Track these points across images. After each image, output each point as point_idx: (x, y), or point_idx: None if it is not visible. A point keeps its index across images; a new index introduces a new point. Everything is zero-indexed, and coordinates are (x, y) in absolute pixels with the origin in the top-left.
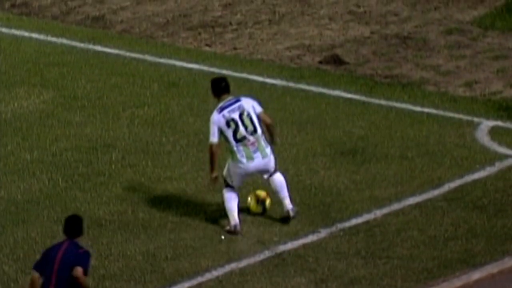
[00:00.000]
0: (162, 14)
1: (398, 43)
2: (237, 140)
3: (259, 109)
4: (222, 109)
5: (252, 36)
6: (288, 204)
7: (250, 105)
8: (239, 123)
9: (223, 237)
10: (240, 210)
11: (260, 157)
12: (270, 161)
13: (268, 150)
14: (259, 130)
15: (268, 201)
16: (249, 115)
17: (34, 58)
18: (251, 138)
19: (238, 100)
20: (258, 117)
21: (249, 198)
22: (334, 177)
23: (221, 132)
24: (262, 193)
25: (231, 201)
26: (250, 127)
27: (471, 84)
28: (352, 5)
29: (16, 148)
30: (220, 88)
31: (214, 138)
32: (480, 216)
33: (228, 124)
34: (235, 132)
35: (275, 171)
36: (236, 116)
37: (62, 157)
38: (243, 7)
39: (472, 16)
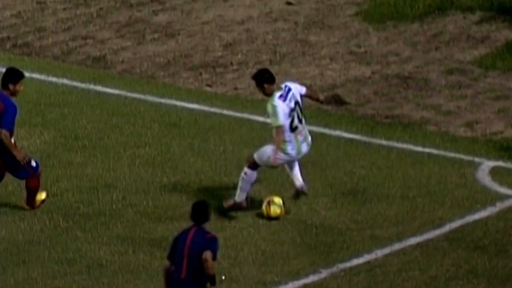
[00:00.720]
0: (163, 55)
1: (399, 83)
2: (291, 130)
3: (302, 90)
4: (284, 98)
5: None
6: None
7: (298, 92)
8: (294, 113)
9: (223, 277)
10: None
11: (306, 147)
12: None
13: (309, 138)
14: (303, 120)
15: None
16: (298, 103)
17: (35, 99)
18: (300, 127)
19: (289, 89)
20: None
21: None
22: (335, 217)
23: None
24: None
25: (249, 183)
26: (301, 116)
27: (472, 124)
28: (353, 45)
29: (17, 188)
30: (271, 77)
31: (281, 121)
32: (481, 257)
33: (290, 114)
34: (292, 122)
35: None
36: (293, 105)
37: (63, 197)
38: (244, 47)
39: (473, 56)
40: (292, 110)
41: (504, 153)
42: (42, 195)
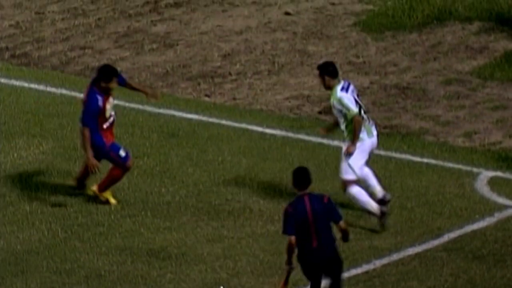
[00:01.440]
0: (162, 65)
1: (398, 93)
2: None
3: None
4: (346, 90)
5: (252, 86)
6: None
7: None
8: (359, 103)
9: (222, 287)
10: None
11: (375, 131)
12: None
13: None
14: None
15: None
16: (359, 96)
17: (34, 109)
18: (365, 117)
19: (349, 84)
20: None
21: None
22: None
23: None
24: None
25: (363, 196)
26: (364, 107)
27: (471, 134)
28: (351, 55)
29: (15, 198)
30: (334, 71)
31: (355, 109)
32: (479, 267)
33: (356, 103)
34: (359, 110)
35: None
36: (356, 96)
37: (61, 208)
38: (243, 57)
39: (471, 67)
40: (356, 100)
41: (502, 163)
42: (111, 199)
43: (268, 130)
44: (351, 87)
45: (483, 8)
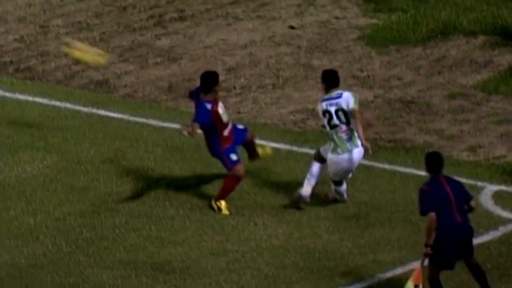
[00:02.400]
0: (166, 79)
1: (402, 107)
2: (330, 127)
3: (351, 106)
4: (326, 99)
5: (256, 100)
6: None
7: (345, 102)
8: (333, 115)
9: None
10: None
11: (352, 147)
12: (360, 153)
13: (359, 142)
14: (350, 123)
15: None
16: (343, 110)
17: (38, 123)
18: (343, 127)
19: (339, 96)
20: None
21: None
22: (338, 241)
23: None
24: None
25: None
26: (343, 119)
27: (475, 148)
28: (356, 69)
29: (19, 212)
30: (331, 80)
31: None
32: None
33: (324, 114)
34: (329, 120)
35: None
36: (332, 109)
37: (65, 222)
38: (247, 71)
39: (475, 81)
40: (327, 112)
41: (507, 177)
42: (225, 211)
43: (272, 144)
44: (334, 100)
45: (487, 22)
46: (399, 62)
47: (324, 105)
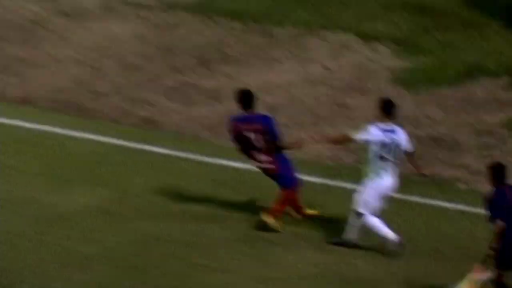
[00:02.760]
0: (210, 116)
1: (431, 144)
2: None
3: (408, 147)
4: (380, 128)
5: (294, 137)
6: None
7: (402, 140)
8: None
9: None
10: None
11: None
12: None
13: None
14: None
15: None
16: (398, 146)
17: (90, 158)
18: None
19: (394, 131)
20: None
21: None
22: (372, 269)
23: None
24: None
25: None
26: (393, 153)
27: None
28: None
29: (74, 242)
30: (389, 111)
31: (358, 136)
32: None
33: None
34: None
35: None
36: (388, 140)
37: (116, 251)
38: (286, 110)
39: (500, 119)
40: (381, 142)
41: None
42: (275, 225)
43: (308, 178)
44: (390, 133)
45: (510, 64)
46: (429, 101)
47: (385, 137)
